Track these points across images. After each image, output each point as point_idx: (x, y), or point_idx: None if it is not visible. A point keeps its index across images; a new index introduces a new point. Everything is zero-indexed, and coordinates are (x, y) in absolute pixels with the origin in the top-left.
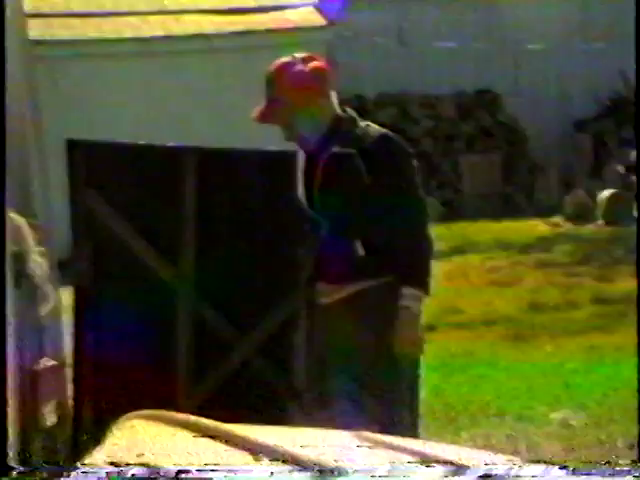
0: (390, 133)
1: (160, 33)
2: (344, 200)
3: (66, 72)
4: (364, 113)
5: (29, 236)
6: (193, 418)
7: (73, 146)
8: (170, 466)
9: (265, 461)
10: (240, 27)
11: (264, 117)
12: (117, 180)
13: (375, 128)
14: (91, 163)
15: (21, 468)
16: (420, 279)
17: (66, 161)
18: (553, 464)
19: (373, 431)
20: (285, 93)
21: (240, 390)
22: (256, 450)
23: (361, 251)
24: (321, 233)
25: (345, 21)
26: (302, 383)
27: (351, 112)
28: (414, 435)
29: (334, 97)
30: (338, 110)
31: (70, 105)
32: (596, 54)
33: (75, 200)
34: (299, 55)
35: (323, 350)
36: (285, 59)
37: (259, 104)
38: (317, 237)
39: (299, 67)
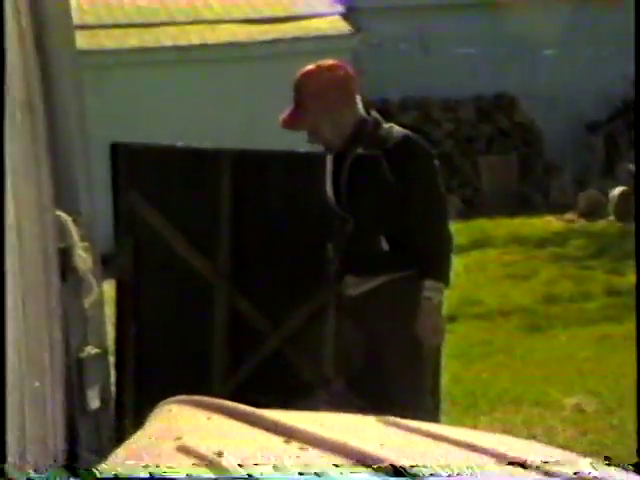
0: (412, 134)
1: (197, 42)
2: (369, 198)
3: (110, 79)
4: (389, 116)
5: (74, 233)
6: (228, 403)
7: (116, 149)
8: (204, 449)
9: (295, 444)
10: (271, 36)
11: (289, 124)
12: (157, 180)
13: (398, 129)
14: (133, 165)
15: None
16: (441, 272)
17: (110, 163)
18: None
19: (399, 417)
20: (310, 100)
21: (272, 378)
22: (287, 434)
23: (385, 246)
24: (348, 229)
25: (370, 29)
26: (330, 371)
27: (375, 115)
28: (436, 420)
29: (359, 102)
30: (363, 113)
31: (113, 110)
32: (607, 59)
33: (118, 199)
34: (325, 63)
35: (350, 339)
36: (311, 67)
37: (286, 109)
38: (344, 233)
39: (324, 75)
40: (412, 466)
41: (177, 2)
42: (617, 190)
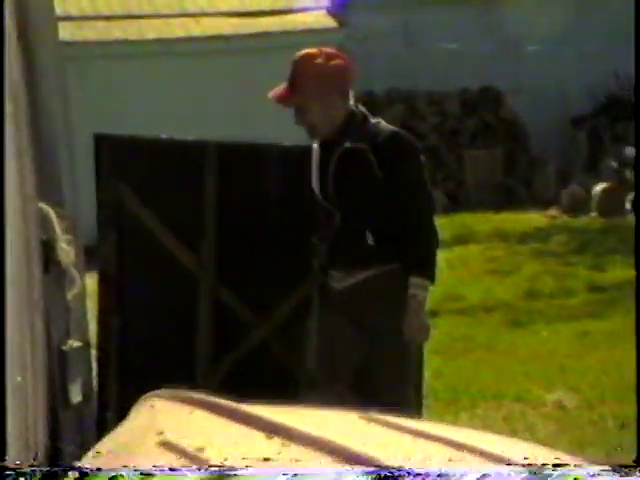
0: (400, 130)
1: (181, 34)
2: (356, 192)
3: (94, 71)
4: (375, 109)
5: (57, 225)
6: (211, 398)
7: (100, 140)
8: (186, 444)
9: (277, 440)
10: (256, 29)
11: (281, 98)
12: (141, 172)
13: (386, 125)
14: (117, 156)
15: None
16: (427, 269)
17: (93, 154)
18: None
19: (384, 410)
20: (305, 82)
21: (256, 371)
22: (270, 429)
23: (371, 240)
24: (334, 222)
25: (356, 24)
26: (314, 364)
27: (363, 109)
28: (419, 415)
29: (351, 95)
30: (353, 107)
31: (96, 102)
32: (592, 55)
33: (101, 191)
34: (328, 49)
35: (335, 332)
36: (312, 50)
37: (279, 86)
38: (331, 226)
39: (322, 61)
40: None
41: None
42: (600, 186)
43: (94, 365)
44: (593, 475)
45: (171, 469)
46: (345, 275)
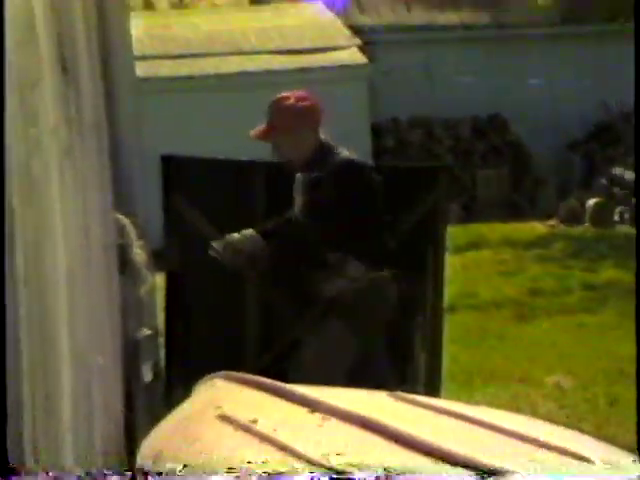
0: (350, 159)
1: (236, 70)
2: (320, 215)
3: (164, 103)
4: (398, 133)
5: (132, 232)
6: (261, 379)
7: (166, 160)
8: (241, 417)
9: (318, 415)
10: (300, 65)
11: (260, 136)
12: (200, 187)
13: (343, 155)
14: (180, 173)
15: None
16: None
17: (161, 172)
18: None
19: (406, 391)
20: (280, 120)
21: (297, 358)
22: (312, 405)
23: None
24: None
25: (382, 59)
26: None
27: (329, 142)
28: (438, 395)
29: (319, 131)
30: (322, 141)
31: (165, 129)
32: (584, 89)
33: (167, 203)
34: (298, 93)
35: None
36: (285, 94)
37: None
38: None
39: (292, 102)
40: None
41: (220, 35)
42: (592, 201)
43: (162, 350)
44: None
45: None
46: (328, 284)
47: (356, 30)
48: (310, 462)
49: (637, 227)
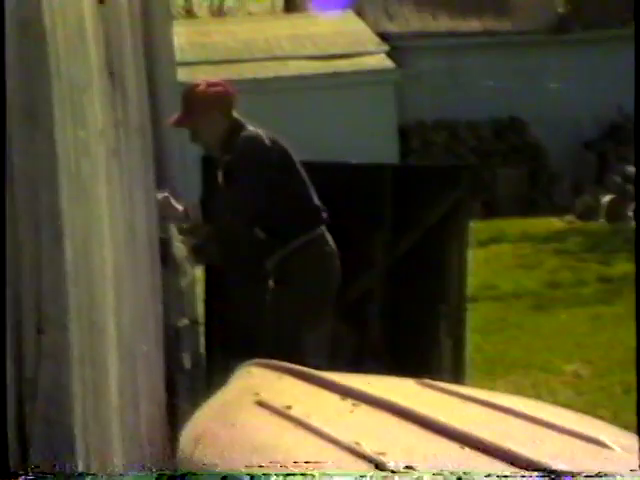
0: (250, 134)
1: (272, 75)
2: (236, 191)
3: None
4: (424, 134)
5: (173, 229)
6: (296, 366)
7: (207, 160)
8: (276, 403)
9: (349, 401)
10: (331, 70)
11: (177, 122)
12: None
13: (245, 132)
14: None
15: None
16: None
17: (201, 172)
18: None
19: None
20: (191, 107)
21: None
22: (343, 392)
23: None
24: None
25: (410, 65)
26: (375, 341)
27: (241, 121)
28: (462, 382)
29: (232, 114)
30: (235, 123)
31: None
32: (599, 91)
33: (205, 202)
34: (209, 79)
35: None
36: (196, 81)
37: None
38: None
39: (202, 89)
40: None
41: (256, 42)
42: (607, 197)
43: (201, 339)
44: None
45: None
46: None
47: (384, 37)
48: (340, 445)
49: (637, 227)
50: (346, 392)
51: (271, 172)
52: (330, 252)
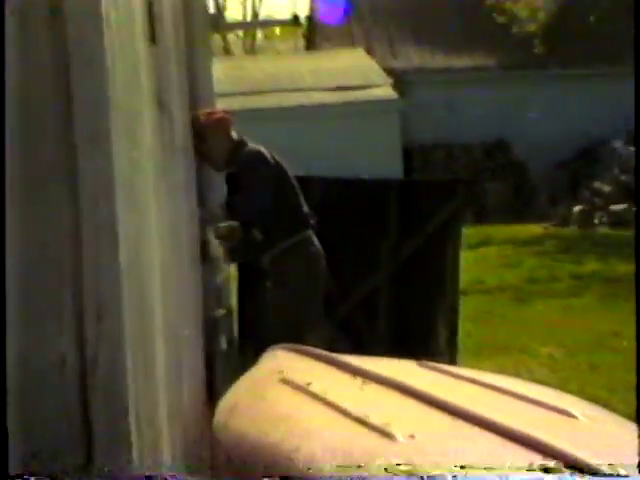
0: (251, 151)
1: (295, 104)
2: (239, 200)
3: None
4: (424, 155)
5: (210, 232)
6: (315, 350)
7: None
8: (298, 380)
9: (359, 379)
10: (346, 99)
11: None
12: None
13: (246, 149)
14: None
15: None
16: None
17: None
18: None
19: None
20: (194, 132)
21: (344, 332)
22: (354, 372)
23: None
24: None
25: (412, 95)
26: (386, 330)
27: (244, 141)
28: (455, 363)
29: (230, 135)
30: (236, 142)
31: None
32: (571, 120)
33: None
34: (209, 109)
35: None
36: (197, 112)
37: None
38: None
39: (205, 117)
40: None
41: (282, 76)
42: (577, 208)
43: (235, 326)
44: None
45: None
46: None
47: (390, 72)
48: (352, 417)
49: (637, 228)
50: (357, 372)
51: (271, 182)
52: (316, 251)
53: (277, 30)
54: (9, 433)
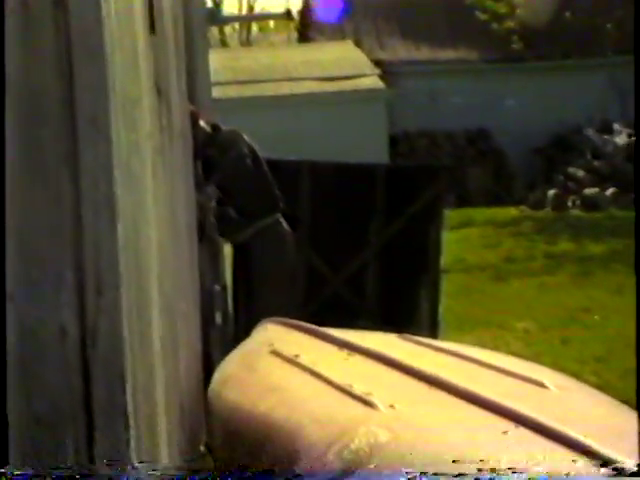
0: (230, 130)
1: (287, 92)
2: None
3: (233, 119)
4: (409, 142)
5: (207, 211)
6: (303, 323)
7: None
8: (287, 352)
9: (345, 351)
10: (335, 89)
11: None
12: None
13: (225, 130)
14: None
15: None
16: None
17: None
18: None
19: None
20: None
21: (331, 306)
22: (340, 344)
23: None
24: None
25: (398, 85)
26: (372, 304)
27: (214, 124)
28: (436, 337)
29: (201, 124)
30: (206, 130)
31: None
32: (547, 108)
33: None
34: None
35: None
36: None
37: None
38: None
39: None
40: None
41: (275, 66)
42: (552, 192)
43: (229, 301)
44: None
45: None
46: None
47: (377, 63)
48: (337, 387)
49: (636, 224)
50: (342, 344)
51: (246, 162)
52: (286, 232)
53: (271, 23)
54: (12, 401)
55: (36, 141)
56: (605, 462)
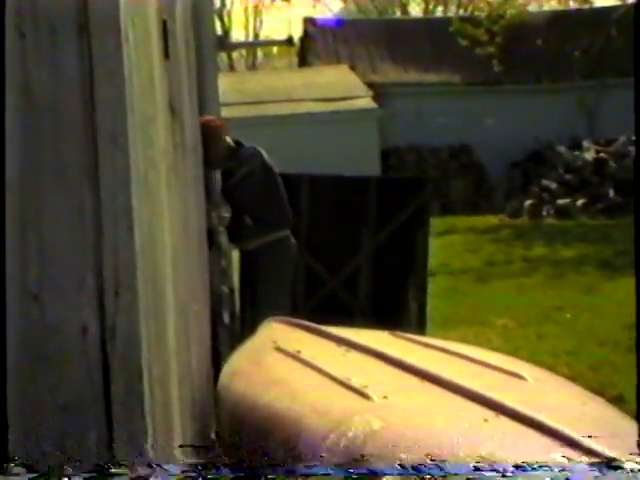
0: (251, 146)
1: (289, 112)
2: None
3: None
4: (399, 156)
5: (216, 220)
6: (305, 322)
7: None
8: (290, 348)
9: (343, 347)
10: (331, 109)
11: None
12: None
13: (247, 146)
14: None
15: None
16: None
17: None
18: None
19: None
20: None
21: (330, 306)
22: (338, 341)
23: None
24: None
25: (389, 106)
26: (366, 304)
27: (237, 140)
28: (424, 334)
29: (223, 139)
30: (229, 145)
31: None
32: (525, 127)
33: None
34: (206, 117)
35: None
36: (201, 118)
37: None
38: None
39: (203, 124)
40: None
41: (278, 88)
42: (528, 202)
43: (237, 303)
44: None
45: None
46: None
47: (370, 85)
48: (335, 380)
49: (636, 224)
50: (341, 341)
51: (262, 175)
52: (293, 245)
53: (275, 49)
54: (38, 394)
55: (60, 156)
56: (580, 448)
